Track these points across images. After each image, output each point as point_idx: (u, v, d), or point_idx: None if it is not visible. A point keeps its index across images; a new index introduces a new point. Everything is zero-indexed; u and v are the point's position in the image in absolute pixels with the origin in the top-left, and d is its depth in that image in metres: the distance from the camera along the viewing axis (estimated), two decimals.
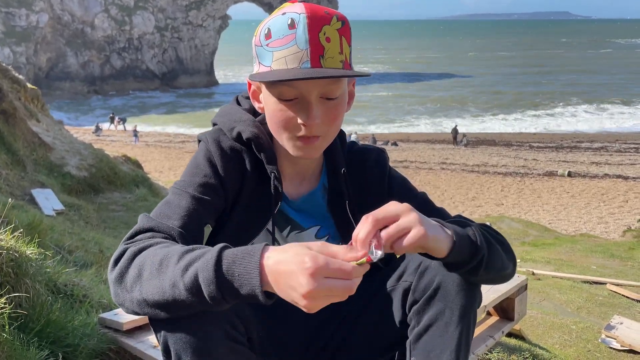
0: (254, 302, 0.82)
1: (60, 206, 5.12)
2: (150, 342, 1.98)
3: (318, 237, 1.20)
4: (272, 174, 1.11)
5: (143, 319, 2.04)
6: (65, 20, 53.33)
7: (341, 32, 0.99)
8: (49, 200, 5.08)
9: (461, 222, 1.03)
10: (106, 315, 2.08)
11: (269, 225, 1.15)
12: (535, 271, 6.11)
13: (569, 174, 20.41)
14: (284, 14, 0.99)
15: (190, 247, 0.89)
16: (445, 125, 34.43)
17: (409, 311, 1.08)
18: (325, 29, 0.97)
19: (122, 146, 24.85)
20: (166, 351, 0.93)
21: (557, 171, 20.97)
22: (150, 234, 0.97)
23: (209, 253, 0.84)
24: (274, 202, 1.12)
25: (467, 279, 1.03)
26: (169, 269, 0.85)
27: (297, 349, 1.21)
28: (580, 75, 60.55)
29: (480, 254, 0.97)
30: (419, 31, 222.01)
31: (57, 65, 52.45)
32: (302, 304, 0.78)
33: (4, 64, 8.47)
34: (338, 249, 0.81)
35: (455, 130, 28.32)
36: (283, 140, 1.06)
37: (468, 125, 34.58)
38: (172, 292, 0.84)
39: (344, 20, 1.00)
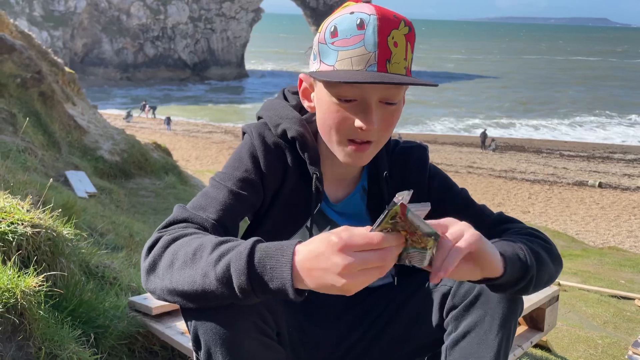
0: (283, 298, 0.81)
1: (92, 189, 5.21)
2: (179, 328, 2.00)
3: None
4: (315, 174, 1.09)
5: (172, 305, 2.07)
6: (102, 7, 54.33)
7: (408, 37, 0.97)
8: (82, 183, 5.18)
9: (509, 240, 0.98)
10: (136, 299, 2.11)
11: (308, 224, 1.14)
12: (561, 282, 5.99)
13: (600, 185, 19.93)
14: (352, 13, 0.97)
15: (225, 238, 0.88)
16: (474, 129, 33.97)
17: (447, 316, 1.06)
18: (393, 33, 0.95)
19: (151, 133, 25.26)
20: (196, 341, 0.93)
21: (587, 181, 20.50)
22: (184, 224, 0.97)
23: (243, 245, 0.83)
24: (314, 202, 1.11)
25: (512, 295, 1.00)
26: (202, 259, 0.84)
27: (327, 346, 1.20)
28: (618, 85, 58.94)
29: (530, 274, 0.94)
30: (449, 32, 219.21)
31: (92, 51, 53.53)
32: (340, 284, 0.75)
33: (43, 47, 8.67)
34: (362, 229, 0.78)
35: (484, 134, 27.90)
36: (333, 144, 1.04)
37: (497, 130, 34.05)
38: (203, 282, 0.83)
39: (410, 26, 0.98)
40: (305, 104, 1.11)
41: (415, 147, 1.21)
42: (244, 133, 1.15)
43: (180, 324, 2.00)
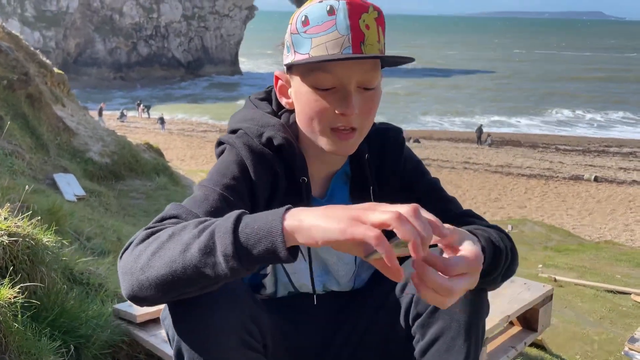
0: (271, 262, 0.77)
1: (81, 192, 5.14)
2: (163, 336, 1.95)
3: None
4: (303, 180, 1.09)
5: (157, 312, 2.02)
6: (95, 7, 54.03)
7: (378, 21, 0.99)
8: (70, 186, 5.11)
9: (478, 229, 0.97)
10: (120, 306, 2.06)
11: None
12: (557, 277, 5.98)
13: (596, 179, 19.96)
14: (320, 1, 0.98)
15: (206, 218, 0.85)
16: (470, 124, 33.98)
17: (413, 324, 1.04)
18: (364, 17, 0.97)
19: (145, 133, 25.17)
20: (179, 356, 0.89)
21: (583, 175, 20.53)
22: (174, 220, 0.92)
23: (230, 214, 0.80)
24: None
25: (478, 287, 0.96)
26: (182, 236, 0.80)
27: (312, 352, 1.18)
28: (612, 79, 59.02)
29: (503, 261, 0.95)
30: (445, 27, 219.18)
31: (85, 51, 53.26)
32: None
33: (31, 48, 8.58)
34: None
35: (479, 129, 27.89)
36: (317, 135, 1.03)
37: (493, 125, 34.07)
38: (182, 259, 0.77)
39: (379, 11, 0.99)
40: (283, 101, 1.11)
41: (391, 129, 1.21)
42: (220, 143, 1.13)
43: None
